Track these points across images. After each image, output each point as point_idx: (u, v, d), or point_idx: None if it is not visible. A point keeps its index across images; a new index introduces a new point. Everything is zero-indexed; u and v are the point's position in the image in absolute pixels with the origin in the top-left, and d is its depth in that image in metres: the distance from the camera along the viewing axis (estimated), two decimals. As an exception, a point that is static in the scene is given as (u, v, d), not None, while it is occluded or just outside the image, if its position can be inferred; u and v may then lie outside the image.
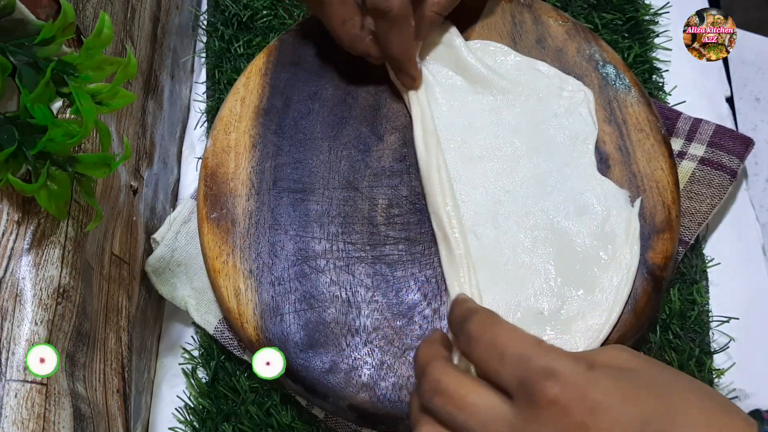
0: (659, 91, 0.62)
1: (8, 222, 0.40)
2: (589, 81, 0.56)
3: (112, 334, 0.47)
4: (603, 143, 0.54)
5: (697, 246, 0.56)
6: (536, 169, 0.53)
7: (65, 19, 0.38)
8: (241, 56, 0.64)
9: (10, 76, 0.37)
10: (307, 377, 0.48)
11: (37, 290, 0.39)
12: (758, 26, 1.01)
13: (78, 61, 0.39)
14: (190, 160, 0.63)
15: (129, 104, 0.42)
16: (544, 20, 0.59)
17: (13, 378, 0.37)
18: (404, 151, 0.55)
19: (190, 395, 0.54)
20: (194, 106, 0.65)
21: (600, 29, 0.63)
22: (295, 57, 0.58)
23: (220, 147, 0.55)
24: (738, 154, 0.56)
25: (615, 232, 0.51)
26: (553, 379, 0.32)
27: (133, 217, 0.52)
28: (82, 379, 0.42)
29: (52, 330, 0.39)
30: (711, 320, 0.54)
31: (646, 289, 0.50)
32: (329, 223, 0.52)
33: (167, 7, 0.62)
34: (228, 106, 0.56)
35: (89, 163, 0.39)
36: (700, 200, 0.55)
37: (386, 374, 0.48)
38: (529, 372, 0.33)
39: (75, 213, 0.43)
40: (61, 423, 0.38)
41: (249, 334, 0.49)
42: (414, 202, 0.53)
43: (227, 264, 0.51)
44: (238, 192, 0.53)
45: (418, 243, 0.52)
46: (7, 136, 0.37)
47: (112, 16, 0.49)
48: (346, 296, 0.50)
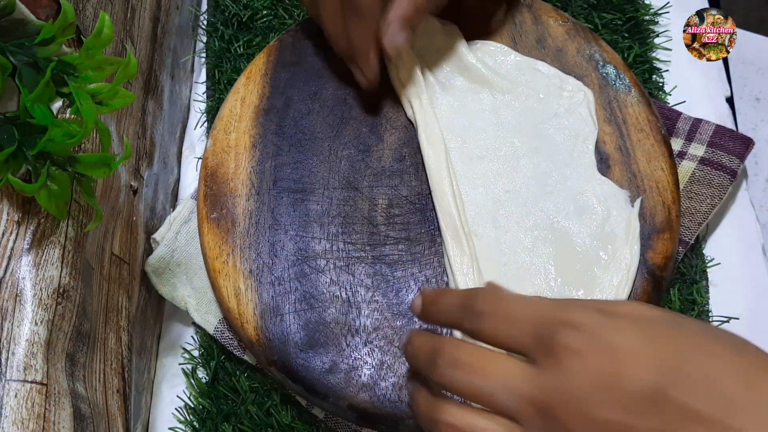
0: (659, 91, 0.62)
1: (8, 222, 0.40)
2: (589, 81, 0.56)
3: (112, 334, 0.47)
4: (603, 143, 0.54)
5: (697, 246, 0.56)
6: (536, 169, 0.53)
7: (65, 19, 0.38)
8: (241, 56, 0.64)
9: (10, 76, 0.37)
10: (307, 377, 0.48)
11: (37, 290, 0.39)
12: (758, 26, 1.02)
13: (78, 61, 0.39)
14: (190, 160, 0.63)
15: (129, 104, 0.42)
16: (544, 20, 0.59)
17: (13, 378, 0.37)
18: (404, 151, 0.55)
19: (190, 395, 0.54)
20: (194, 106, 0.65)
21: (600, 29, 0.63)
22: (295, 57, 0.58)
23: (220, 147, 0.55)
24: (738, 154, 0.56)
25: (615, 232, 0.51)
26: (572, 328, 0.32)
27: (133, 217, 0.52)
28: (82, 379, 0.42)
29: (52, 330, 0.39)
30: (711, 320, 0.54)
31: (646, 289, 0.50)
32: (329, 223, 0.52)
33: (167, 7, 0.62)
34: (228, 106, 0.56)
35: (89, 163, 0.39)
36: (700, 200, 0.55)
37: (386, 374, 0.48)
38: (547, 326, 0.32)
39: (75, 213, 0.43)
40: (61, 423, 0.38)
41: (249, 334, 0.49)
42: (414, 202, 0.53)
43: (227, 264, 0.51)
44: (238, 192, 0.53)
45: (418, 243, 0.52)
46: (7, 136, 0.37)
47: (112, 16, 0.49)
48: (346, 296, 0.50)
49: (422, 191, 0.53)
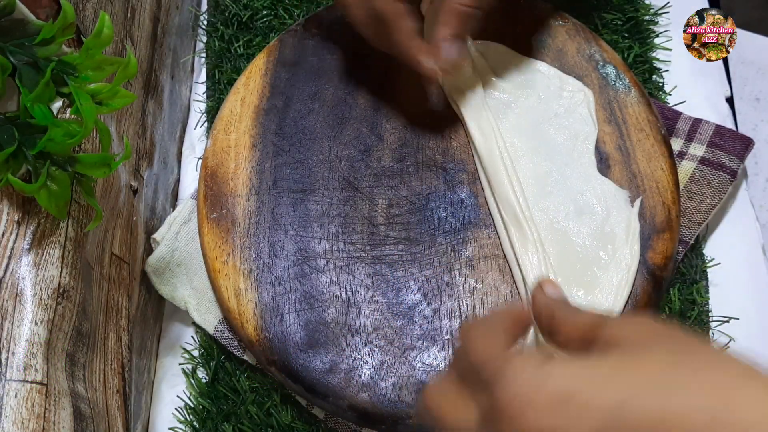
0: (659, 91, 0.62)
1: (8, 222, 0.40)
2: (589, 81, 0.56)
3: (112, 334, 0.47)
4: (603, 143, 0.54)
5: (697, 246, 0.56)
6: (536, 169, 0.53)
7: (65, 19, 0.38)
8: (241, 56, 0.64)
9: (10, 76, 0.37)
10: (307, 377, 0.48)
11: (37, 290, 0.39)
12: (758, 26, 1.02)
13: (78, 61, 0.39)
14: (190, 160, 0.63)
15: (129, 104, 0.42)
16: (544, 20, 0.59)
17: (13, 378, 0.37)
18: (404, 151, 0.55)
19: (190, 395, 0.54)
20: (194, 106, 0.65)
21: (600, 29, 0.63)
22: (295, 57, 0.58)
23: (220, 147, 0.55)
24: (738, 154, 0.56)
25: (615, 232, 0.51)
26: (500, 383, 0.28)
27: (133, 217, 0.52)
28: (82, 379, 0.42)
29: (52, 330, 0.39)
30: (711, 320, 0.54)
31: (646, 289, 0.50)
32: (329, 223, 0.52)
33: (167, 7, 0.62)
34: (228, 106, 0.56)
35: (89, 163, 0.39)
36: (700, 200, 0.55)
37: (386, 374, 0.48)
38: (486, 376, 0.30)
39: (75, 213, 0.43)
40: (61, 423, 0.38)
41: (249, 334, 0.49)
42: (414, 202, 0.53)
43: (227, 264, 0.51)
44: (238, 192, 0.53)
45: (418, 243, 0.52)
46: (7, 136, 0.37)
47: (112, 16, 0.49)
48: (346, 296, 0.50)
49: (422, 191, 0.53)
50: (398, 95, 0.57)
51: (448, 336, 0.48)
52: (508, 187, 0.50)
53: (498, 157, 0.51)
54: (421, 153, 0.54)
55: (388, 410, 0.47)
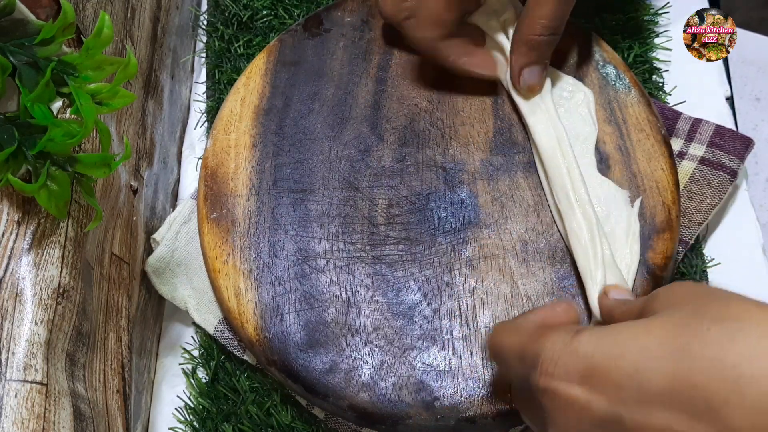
0: (659, 91, 0.62)
1: (8, 222, 0.40)
2: (589, 81, 0.56)
3: (112, 334, 0.47)
4: (603, 143, 0.54)
5: (697, 246, 0.56)
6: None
7: (65, 19, 0.38)
8: (241, 56, 0.64)
9: (10, 76, 0.37)
10: (307, 377, 0.48)
11: (37, 290, 0.39)
12: (758, 26, 1.02)
13: (78, 61, 0.39)
14: (190, 160, 0.63)
15: (129, 104, 0.42)
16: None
17: (13, 378, 0.37)
18: (404, 151, 0.55)
19: (190, 395, 0.54)
20: (194, 106, 0.65)
21: (600, 29, 0.63)
22: (295, 57, 0.58)
23: (220, 147, 0.55)
24: (738, 154, 0.56)
25: (615, 232, 0.51)
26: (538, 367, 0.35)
27: (133, 217, 0.52)
28: (82, 379, 0.42)
29: (52, 330, 0.39)
30: (711, 320, 0.54)
31: (646, 289, 0.50)
32: (329, 223, 0.52)
33: (167, 7, 0.62)
34: (228, 106, 0.56)
35: (89, 163, 0.39)
36: (700, 200, 0.55)
37: (386, 374, 0.48)
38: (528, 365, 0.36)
39: (75, 213, 0.43)
40: (61, 423, 0.38)
41: (249, 334, 0.49)
42: (414, 202, 0.53)
43: (227, 264, 0.51)
44: (238, 192, 0.53)
45: (418, 243, 0.52)
46: (7, 136, 0.37)
47: (112, 16, 0.49)
48: (346, 296, 0.50)
49: (422, 191, 0.53)
50: (398, 96, 0.56)
51: (448, 336, 0.49)
52: (565, 173, 0.50)
53: (567, 146, 0.51)
54: (421, 153, 0.54)
55: (388, 410, 0.47)
